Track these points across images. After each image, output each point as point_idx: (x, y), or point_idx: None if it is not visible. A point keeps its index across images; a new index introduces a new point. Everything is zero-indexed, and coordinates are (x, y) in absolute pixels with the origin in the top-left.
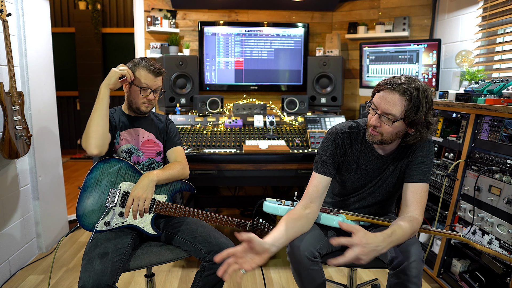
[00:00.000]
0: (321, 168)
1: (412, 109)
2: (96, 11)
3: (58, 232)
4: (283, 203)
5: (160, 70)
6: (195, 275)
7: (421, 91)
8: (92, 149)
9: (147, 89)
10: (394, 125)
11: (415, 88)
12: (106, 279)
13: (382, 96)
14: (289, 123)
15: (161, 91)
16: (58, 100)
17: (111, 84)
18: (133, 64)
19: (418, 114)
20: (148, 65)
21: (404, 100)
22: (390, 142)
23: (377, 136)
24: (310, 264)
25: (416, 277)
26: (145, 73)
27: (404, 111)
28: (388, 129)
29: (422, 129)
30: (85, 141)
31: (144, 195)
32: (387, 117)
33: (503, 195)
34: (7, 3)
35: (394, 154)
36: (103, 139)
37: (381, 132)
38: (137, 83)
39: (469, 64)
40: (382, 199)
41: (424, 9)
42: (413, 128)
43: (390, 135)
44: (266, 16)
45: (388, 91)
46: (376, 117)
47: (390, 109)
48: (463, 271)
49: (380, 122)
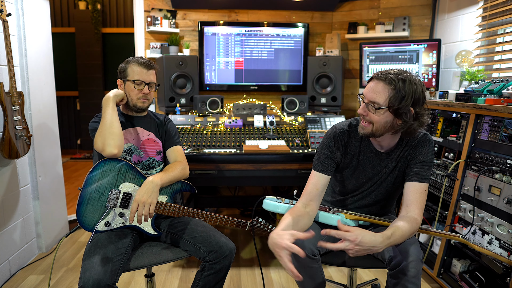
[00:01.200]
0: (319, 166)
1: (395, 97)
2: (96, 11)
3: (58, 232)
4: (283, 201)
5: (151, 63)
6: (195, 275)
7: (408, 82)
8: (112, 149)
9: (141, 83)
10: (380, 113)
11: (402, 79)
12: (106, 279)
13: (370, 85)
14: (289, 123)
15: (155, 86)
16: (58, 100)
17: (118, 99)
18: (125, 63)
19: (402, 103)
20: (139, 59)
21: (389, 89)
22: (380, 134)
23: (367, 127)
24: (310, 262)
25: (415, 277)
26: (137, 68)
27: (388, 99)
28: (375, 118)
29: (409, 120)
30: (102, 143)
31: (149, 200)
32: (372, 106)
33: (503, 195)
34: (7, 3)
35: (393, 152)
36: (120, 139)
37: (370, 121)
38: (131, 78)
39: (469, 64)
40: (382, 199)
41: (424, 9)
42: (400, 118)
43: (379, 126)
44: (266, 16)
45: (376, 81)
46: (363, 106)
47: (374, 97)
48: (463, 271)
49: (367, 111)
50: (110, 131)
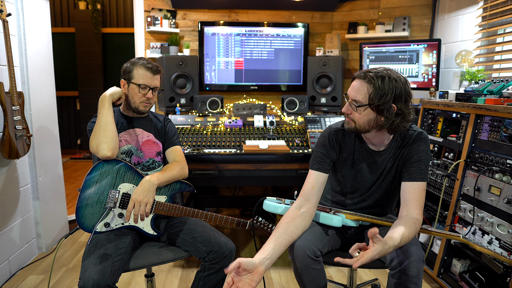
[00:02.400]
0: (316, 165)
1: (375, 95)
2: (96, 11)
3: (58, 232)
4: (283, 201)
5: (157, 68)
6: (195, 275)
7: (388, 79)
8: (105, 152)
9: (146, 87)
10: (360, 111)
11: (381, 77)
12: (106, 279)
13: (352, 84)
14: (289, 123)
15: (159, 90)
16: (58, 100)
17: (114, 98)
18: (130, 64)
19: (382, 100)
20: (146, 63)
21: (369, 86)
22: (366, 131)
23: (351, 123)
24: (312, 263)
25: (416, 277)
26: (143, 71)
27: (368, 97)
28: (357, 116)
29: (390, 116)
30: (96, 146)
31: (146, 199)
32: (354, 104)
33: (503, 195)
34: (7, 3)
35: (387, 151)
36: (114, 142)
37: (353, 119)
38: (136, 82)
39: (469, 64)
40: (382, 199)
41: (424, 9)
42: (382, 115)
43: (362, 122)
44: (266, 16)
45: (357, 79)
46: (347, 105)
47: (355, 95)
48: (463, 271)
49: (350, 109)
50: (104, 133)
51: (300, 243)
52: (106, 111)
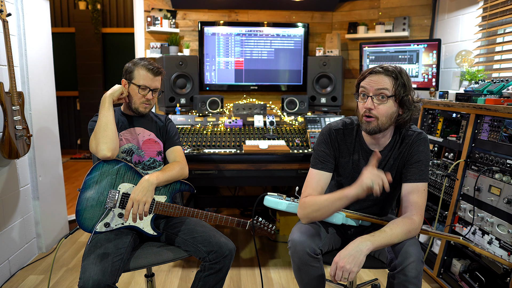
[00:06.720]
0: (319, 164)
1: (399, 86)
2: (96, 11)
3: (58, 232)
4: (284, 198)
5: (159, 69)
6: (195, 275)
7: (403, 72)
8: (105, 153)
9: (146, 88)
10: (386, 104)
11: (399, 70)
12: (106, 279)
13: (370, 80)
14: (289, 123)
15: (159, 91)
16: (58, 100)
17: (115, 97)
18: (132, 64)
19: (406, 91)
20: (147, 64)
21: (390, 78)
22: (384, 128)
23: (373, 122)
24: (311, 261)
25: (415, 277)
26: (144, 72)
27: (393, 88)
28: (383, 110)
29: (410, 107)
30: (96, 146)
31: (144, 199)
32: (381, 95)
33: (503, 195)
34: (7, 3)
35: (387, 152)
36: (114, 142)
37: (376, 115)
38: (136, 82)
39: (469, 64)
40: (382, 199)
41: (424, 9)
42: (403, 107)
43: (385, 118)
44: (266, 16)
45: (374, 75)
46: (370, 100)
47: (383, 86)
48: (463, 271)
49: (374, 104)
50: (104, 134)
51: (300, 239)
52: (106, 111)
